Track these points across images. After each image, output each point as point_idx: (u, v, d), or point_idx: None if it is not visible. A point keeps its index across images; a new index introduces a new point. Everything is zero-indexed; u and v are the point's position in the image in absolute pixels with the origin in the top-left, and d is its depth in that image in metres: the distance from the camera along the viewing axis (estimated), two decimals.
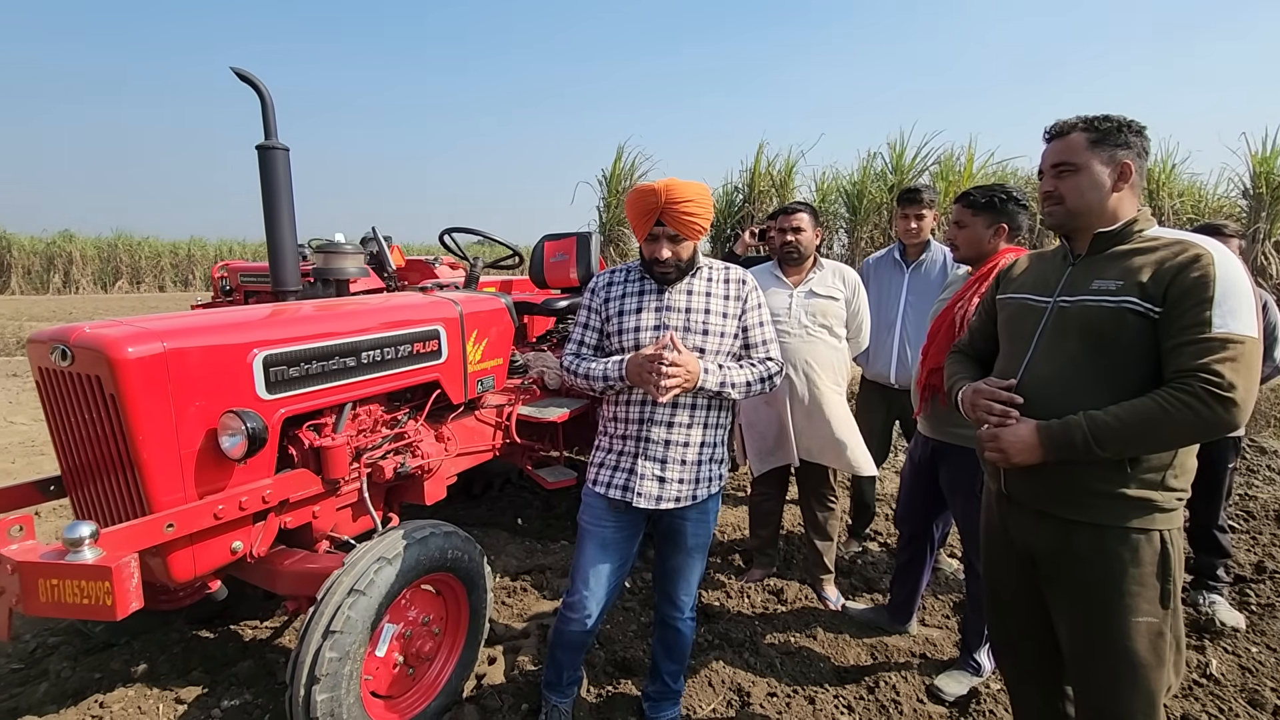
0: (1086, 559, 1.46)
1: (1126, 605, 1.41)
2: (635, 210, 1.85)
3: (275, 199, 2.55)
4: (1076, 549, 1.47)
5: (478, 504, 4.17)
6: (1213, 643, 2.68)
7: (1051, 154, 1.55)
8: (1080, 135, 1.50)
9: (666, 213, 1.79)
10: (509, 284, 4.48)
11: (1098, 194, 1.49)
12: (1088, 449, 1.37)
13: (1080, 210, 1.51)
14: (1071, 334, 1.49)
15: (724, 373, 1.84)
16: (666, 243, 1.83)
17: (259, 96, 2.51)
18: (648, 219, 1.82)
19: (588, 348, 2.01)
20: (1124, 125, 1.49)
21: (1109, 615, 1.43)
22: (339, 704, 1.80)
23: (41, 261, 23.85)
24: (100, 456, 1.87)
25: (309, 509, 2.25)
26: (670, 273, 1.88)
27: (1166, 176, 8.96)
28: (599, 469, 1.97)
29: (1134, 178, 1.50)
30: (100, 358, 1.72)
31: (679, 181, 1.80)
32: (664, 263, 1.85)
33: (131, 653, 2.49)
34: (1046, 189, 1.56)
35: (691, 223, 1.81)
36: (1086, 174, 1.49)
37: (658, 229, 1.82)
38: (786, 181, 10.22)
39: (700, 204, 1.82)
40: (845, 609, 2.83)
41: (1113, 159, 1.48)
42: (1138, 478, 1.41)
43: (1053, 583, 1.54)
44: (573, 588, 1.99)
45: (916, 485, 2.55)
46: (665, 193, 1.77)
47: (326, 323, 2.28)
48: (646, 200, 1.80)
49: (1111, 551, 1.43)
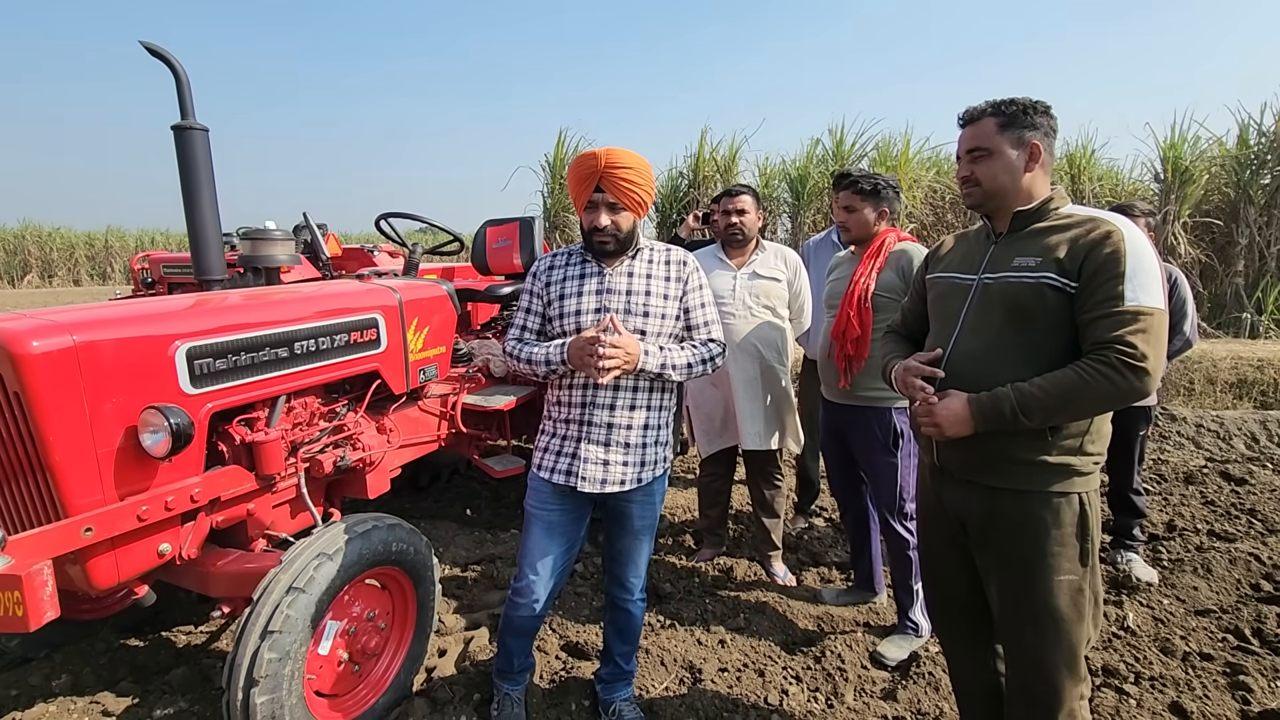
0: (1012, 523, 1.53)
1: (1049, 565, 1.49)
2: (575, 176, 1.84)
3: (195, 182, 2.42)
4: (1003, 514, 1.55)
5: (425, 496, 4.09)
6: (1129, 597, 2.87)
7: (966, 140, 1.62)
8: (990, 120, 1.57)
9: (606, 178, 1.78)
10: (451, 271, 4.38)
11: (1010, 175, 1.56)
12: (1015, 419, 1.43)
13: (995, 192, 1.58)
14: (995, 310, 1.55)
15: (665, 354, 1.83)
16: (605, 210, 1.82)
17: (173, 74, 2.36)
18: (587, 185, 1.81)
19: (530, 332, 1.99)
20: (1029, 107, 1.56)
21: (1034, 575, 1.51)
22: (280, 705, 1.74)
23: None
24: (6, 459, 1.74)
25: (243, 507, 2.16)
26: (608, 243, 1.85)
27: (1087, 161, 9.42)
28: (543, 454, 1.95)
29: (1044, 156, 1.57)
30: (1, 354, 1.60)
31: (618, 150, 1.79)
32: (602, 231, 1.82)
33: (52, 666, 2.35)
34: (964, 174, 1.63)
35: (631, 191, 1.80)
36: (999, 157, 1.56)
37: (596, 195, 1.81)
38: (730, 166, 10.29)
39: (640, 174, 1.82)
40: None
41: (1021, 140, 1.55)
42: (1057, 445, 1.49)
43: (982, 547, 1.62)
44: (520, 574, 1.98)
45: (839, 453, 2.68)
46: (605, 157, 1.77)
47: (256, 312, 2.18)
48: (586, 164, 1.80)
49: (1034, 515, 1.51)
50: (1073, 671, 1.53)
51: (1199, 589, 2.90)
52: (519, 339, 1.98)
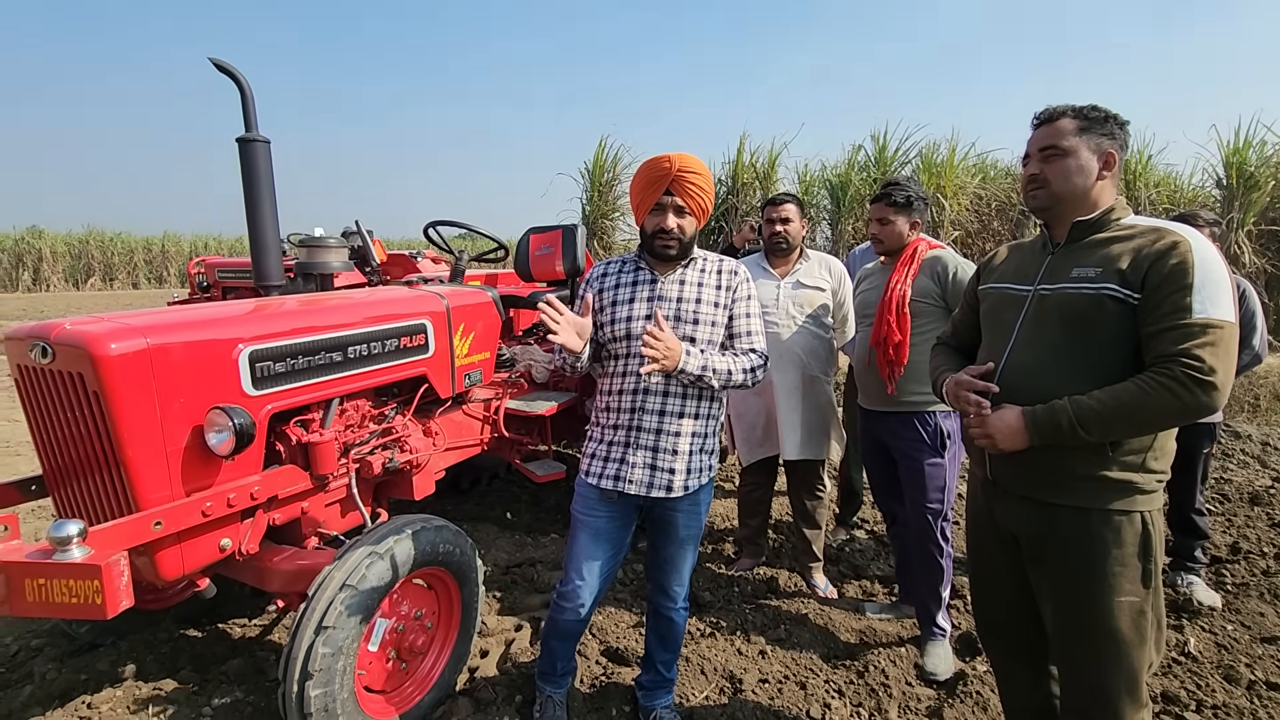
0: (1070, 541, 1.49)
1: (1110, 585, 1.45)
2: (644, 180, 1.87)
3: (257, 192, 2.51)
4: (1060, 531, 1.50)
5: (466, 499, 4.15)
6: (1190, 622, 2.75)
7: (1039, 138, 1.57)
8: (1070, 121, 1.53)
9: (677, 181, 1.82)
10: (494, 277, 4.45)
11: (1083, 179, 1.52)
12: (1073, 432, 1.40)
13: (1064, 194, 1.54)
14: (1052, 321, 1.52)
15: (706, 358, 1.82)
16: (672, 212, 1.85)
17: (239, 88, 2.46)
18: (657, 187, 1.84)
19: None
20: (1111, 116, 1.53)
21: (1093, 595, 1.47)
22: (333, 699, 1.79)
23: (10, 258, 23.29)
24: (84, 455, 1.84)
25: (298, 505, 2.23)
26: (672, 246, 1.87)
27: (1143, 167, 9.11)
28: (591, 459, 1.98)
29: (1116, 168, 1.53)
30: (82, 355, 1.69)
31: (690, 155, 1.83)
32: (667, 233, 1.85)
33: (118, 653, 2.46)
34: (1032, 172, 1.58)
35: (698, 196, 1.85)
36: (1074, 158, 1.51)
37: (666, 198, 1.84)
38: (770, 174, 10.24)
39: (707, 181, 1.87)
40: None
41: (1099, 147, 1.51)
42: (1118, 460, 1.44)
43: (1037, 565, 1.57)
44: (566, 577, 2.00)
45: (882, 463, 2.65)
46: (679, 160, 1.81)
47: (312, 317, 2.25)
48: (658, 167, 1.83)
49: (1094, 533, 1.46)
50: (1134, 697, 1.47)
51: (1265, 615, 2.77)
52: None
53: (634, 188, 1.93)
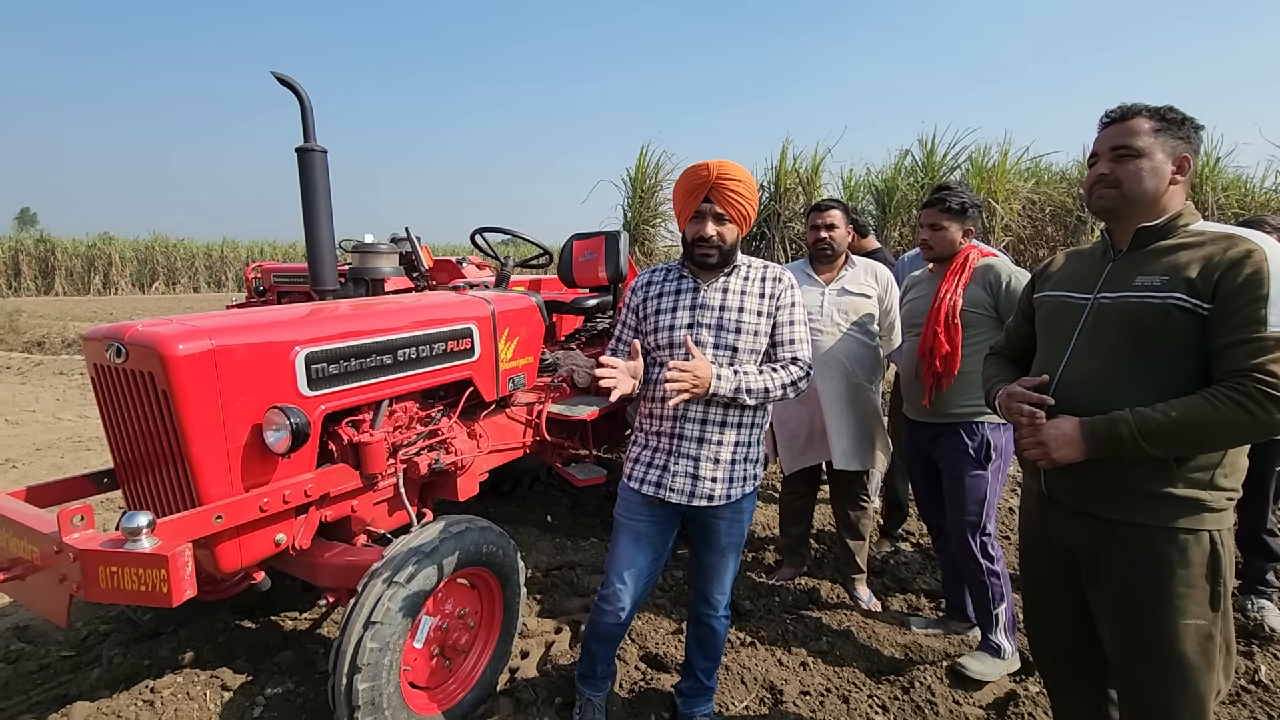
0: (1132, 560, 1.43)
1: (1175, 607, 1.38)
2: (684, 187, 1.87)
3: (314, 200, 2.61)
4: (1121, 549, 1.44)
5: (507, 501, 4.21)
6: (1261, 648, 2.60)
7: (1111, 137, 1.50)
8: (1145, 120, 1.46)
9: (716, 188, 1.81)
10: (538, 283, 4.52)
11: (1155, 182, 1.45)
12: (1134, 445, 1.34)
13: (1136, 196, 1.47)
14: (1112, 331, 1.46)
15: (740, 379, 1.80)
16: (711, 220, 1.84)
17: (299, 100, 2.56)
18: (696, 195, 1.83)
19: (624, 344, 2.05)
20: (1187, 119, 1.46)
21: (1156, 617, 1.40)
22: (380, 693, 1.84)
23: (83, 263, 24.65)
24: (152, 450, 1.93)
25: (348, 503, 2.30)
26: (712, 254, 1.86)
27: (1210, 170, 8.70)
28: (634, 464, 1.99)
29: (1189, 173, 1.47)
30: (153, 354, 1.78)
31: (730, 162, 1.83)
32: (707, 240, 1.84)
33: (179, 640, 2.56)
34: (1101, 172, 1.51)
35: (738, 203, 1.83)
36: (1148, 160, 1.45)
37: (705, 205, 1.83)
38: (813, 179, 10.13)
39: (748, 188, 1.85)
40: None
41: (1174, 150, 1.45)
42: (1185, 477, 1.38)
43: (1096, 584, 1.51)
44: (607, 580, 2.01)
45: (926, 475, 2.60)
46: (718, 168, 1.80)
47: (364, 321, 2.33)
48: (697, 175, 1.83)
49: (1158, 552, 1.40)
50: None
51: None
52: (614, 350, 2.05)
53: (676, 195, 1.94)
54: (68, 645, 2.60)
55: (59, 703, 2.26)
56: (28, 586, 1.79)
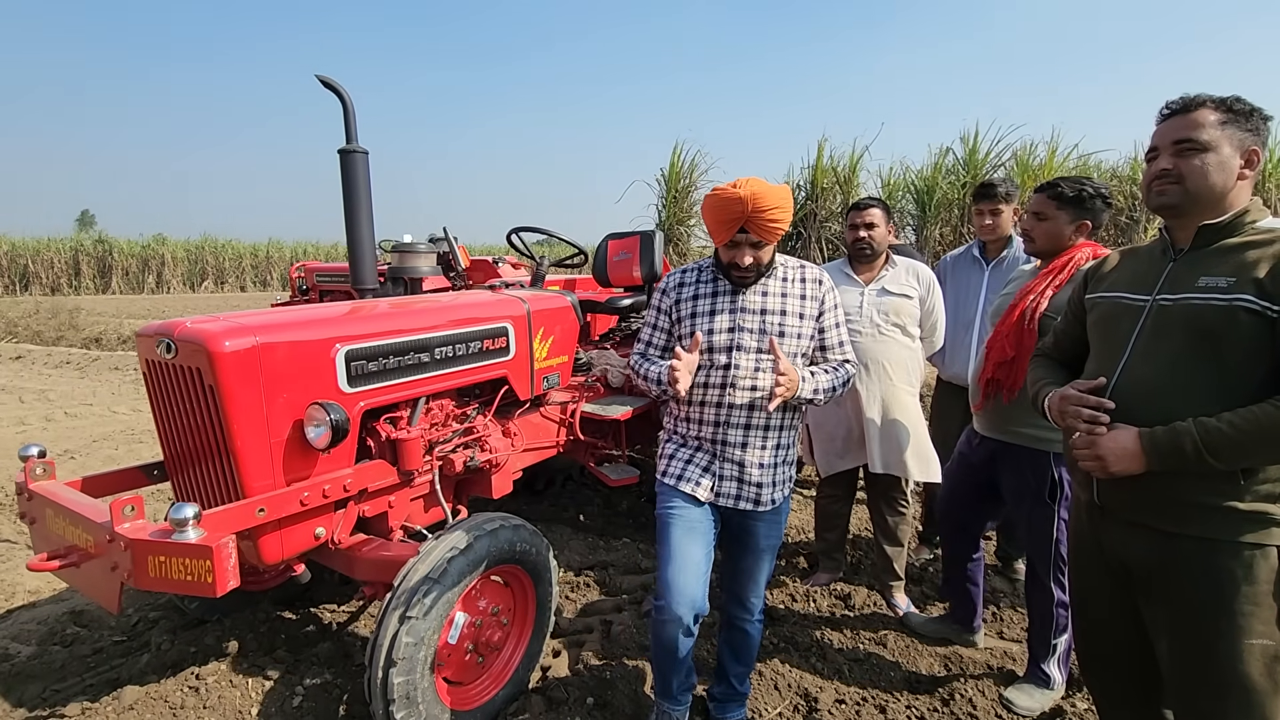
0: (1191, 575, 1.36)
1: (1238, 626, 1.31)
2: (717, 218, 1.78)
3: (355, 200, 2.66)
4: (1179, 564, 1.37)
5: (540, 499, 4.23)
6: None
7: (1173, 129, 1.41)
8: (1211, 112, 1.38)
9: (752, 221, 1.73)
10: (573, 282, 4.53)
11: (1222, 177, 1.37)
12: (1198, 458, 1.27)
13: (1200, 193, 1.38)
14: (1174, 335, 1.38)
15: (816, 380, 1.83)
16: (749, 250, 1.79)
17: (341, 103, 2.62)
18: (730, 227, 1.76)
19: (655, 349, 2.01)
20: (1256, 110, 1.38)
21: (1217, 636, 1.33)
22: (414, 687, 1.86)
23: (138, 263, 25.65)
24: (199, 443, 1.99)
25: (385, 499, 2.34)
26: (749, 278, 1.85)
27: (1275, 166, 8.30)
28: (673, 462, 1.96)
29: (1258, 167, 1.39)
30: (201, 351, 1.83)
31: (763, 187, 1.72)
32: (744, 269, 1.82)
33: (223, 629, 2.64)
34: (1163, 167, 1.42)
35: (776, 229, 1.77)
36: (1214, 153, 1.36)
37: (740, 236, 1.77)
38: (851, 178, 9.97)
39: (785, 209, 1.77)
40: (907, 619, 2.73)
41: (1242, 143, 1.37)
42: (1251, 489, 1.31)
43: (1152, 599, 1.44)
44: (662, 582, 1.84)
45: (966, 483, 2.43)
46: (751, 201, 1.69)
47: (402, 319, 2.36)
48: (732, 209, 1.73)
49: (1221, 568, 1.33)
50: None
51: None
52: (644, 354, 2.01)
53: (706, 215, 1.84)
54: (119, 631, 2.70)
55: (110, 686, 2.34)
56: (83, 573, 1.87)
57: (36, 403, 6.90)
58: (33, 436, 5.66)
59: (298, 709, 2.23)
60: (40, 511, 2.01)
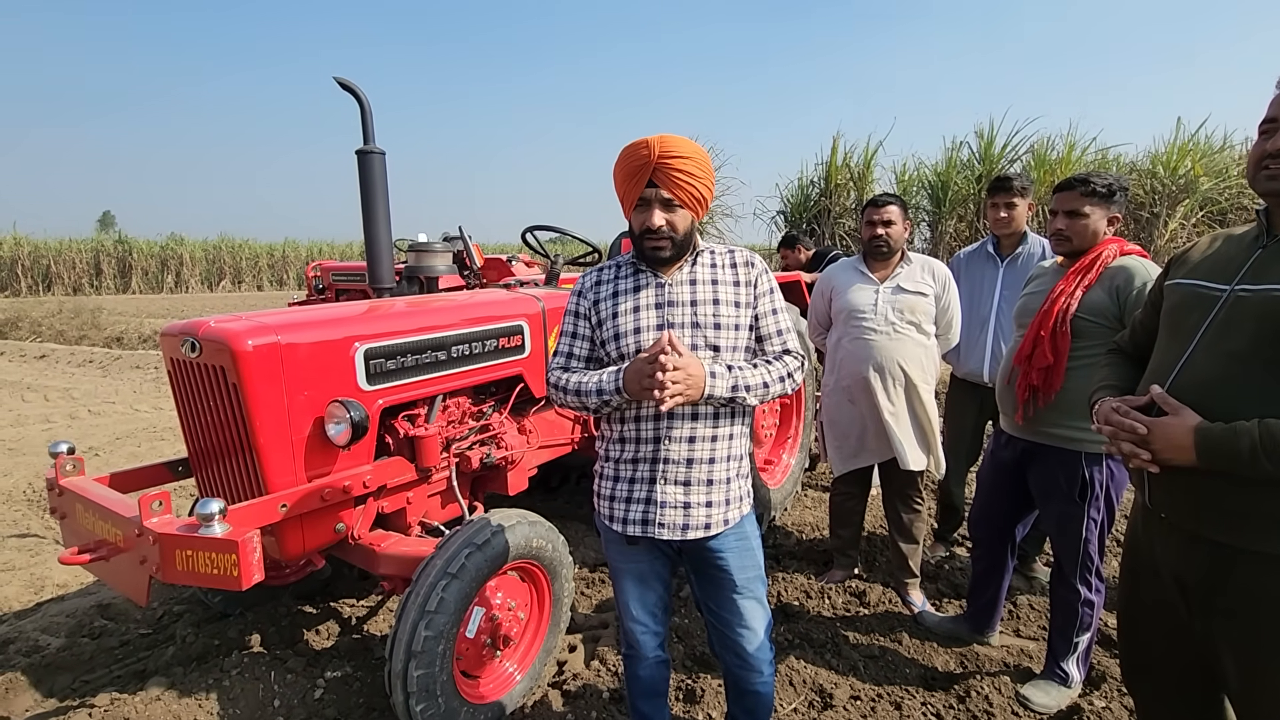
0: (1259, 594, 1.24)
1: None
2: (623, 170, 1.57)
3: (372, 200, 2.69)
4: (1244, 581, 1.24)
5: (556, 496, 4.26)
6: None
7: None
8: None
9: (659, 170, 1.51)
10: None
11: None
12: (1253, 462, 1.14)
13: None
14: (1246, 329, 1.24)
15: (735, 375, 1.54)
16: (659, 207, 1.54)
17: (359, 104, 2.65)
18: (638, 180, 1.54)
19: (579, 360, 1.69)
20: None
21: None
22: (433, 680, 1.89)
23: (157, 263, 26.03)
24: (223, 440, 2.03)
25: (403, 495, 2.37)
26: (664, 247, 1.57)
27: None
28: (609, 502, 1.67)
29: None
30: (224, 349, 1.87)
31: (675, 136, 1.54)
32: (656, 232, 1.54)
33: (245, 623, 2.69)
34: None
35: (688, 184, 1.53)
36: None
37: (649, 190, 1.53)
38: (865, 174, 9.91)
39: (699, 164, 1.54)
40: (921, 616, 2.73)
41: None
42: None
43: (1213, 616, 1.31)
44: (626, 630, 1.77)
45: (999, 487, 2.39)
46: (659, 145, 1.50)
47: (420, 318, 2.39)
48: (636, 155, 1.53)
49: None
50: None
51: None
52: (564, 367, 1.68)
53: (615, 179, 1.61)
54: (145, 623, 2.76)
55: (137, 678, 2.40)
56: (111, 566, 1.91)
57: (61, 401, 7.04)
58: (57, 434, 5.78)
59: (319, 701, 2.26)
60: (70, 507, 2.06)
